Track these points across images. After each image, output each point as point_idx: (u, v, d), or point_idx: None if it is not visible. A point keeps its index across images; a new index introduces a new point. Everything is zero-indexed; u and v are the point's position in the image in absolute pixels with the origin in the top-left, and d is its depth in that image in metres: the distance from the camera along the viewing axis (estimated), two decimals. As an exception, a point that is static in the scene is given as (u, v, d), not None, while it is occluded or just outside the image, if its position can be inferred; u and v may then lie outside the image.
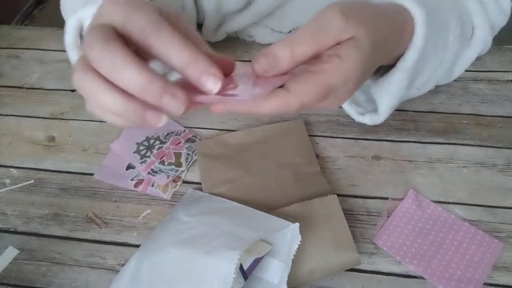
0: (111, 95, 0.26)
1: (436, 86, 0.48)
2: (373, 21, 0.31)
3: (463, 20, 0.44)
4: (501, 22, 0.49)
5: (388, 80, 0.40)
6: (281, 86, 0.30)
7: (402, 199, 0.49)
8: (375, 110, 0.46)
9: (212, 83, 0.27)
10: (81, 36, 0.40)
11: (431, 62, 0.42)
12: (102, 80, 0.26)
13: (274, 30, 0.64)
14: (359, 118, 0.48)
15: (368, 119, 0.46)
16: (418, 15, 0.36)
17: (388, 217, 0.48)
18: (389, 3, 0.37)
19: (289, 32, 0.64)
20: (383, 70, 0.42)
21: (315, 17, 0.30)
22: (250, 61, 0.64)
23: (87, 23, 0.37)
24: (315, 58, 0.31)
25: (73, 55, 0.40)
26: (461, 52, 0.46)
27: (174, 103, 0.26)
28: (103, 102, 0.27)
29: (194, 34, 0.32)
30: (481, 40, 0.46)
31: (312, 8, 0.57)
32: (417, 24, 0.36)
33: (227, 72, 0.31)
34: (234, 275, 0.36)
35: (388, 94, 0.42)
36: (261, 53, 0.30)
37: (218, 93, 0.28)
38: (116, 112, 0.27)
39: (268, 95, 0.29)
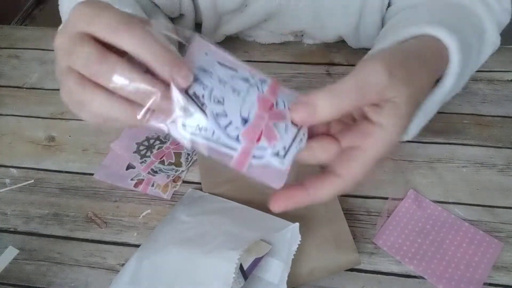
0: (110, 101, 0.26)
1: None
2: (413, 76, 0.30)
3: (478, 33, 0.44)
4: (505, 20, 0.49)
5: (423, 107, 0.39)
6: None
7: (402, 199, 0.49)
8: None
9: (181, 80, 0.25)
10: None
11: (459, 79, 0.41)
12: (101, 89, 0.26)
13: (274, 32, 0.64)
14: None
15: None
16: (451, 44, 0.36)
17: (388, 217, 0.48)
18: (420, 36, 0.36)
19: (289, 34, 0.64)
20: None
21: (358, 69, 0.28)
22: (250, 61, 0.65)
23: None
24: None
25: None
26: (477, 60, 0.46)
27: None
28: (104, 109, 0.26)
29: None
30: (492, 43, 0.46)
31: (310, 12, 0.57)
32: (453, 53, 0.36)
33: None
34: (234, 275, 0.36)
35: (423, 116, 0.41)
36: (301, 101, 0.28)
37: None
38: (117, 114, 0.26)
39: (319, 182, 0.30)
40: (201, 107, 0.25)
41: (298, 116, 0.28)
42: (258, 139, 0.27)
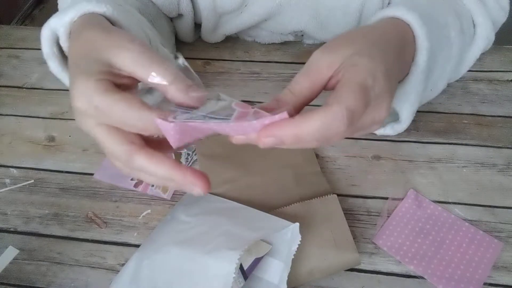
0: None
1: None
2: (357, 38, 0.33)
3: (460, 15, 0.44)
4: (501, 18, 0.49)
5: (405, 88, 0.40)
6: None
7: (402, 199, 0.49)
8: (394, 120, 0.46)
9: (194, 96, 0.29)
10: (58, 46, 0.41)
11: (439, 60, 0.42)
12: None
13: (274, 33, 0.64)
14: (379, 131, 0.48)
15: (389, 130, 0.46)
16: (411, 19, 0.37)
17: (388, 217, 0.48)
18: (380, 20, 0.38)
19: (289, 34, 0.64)
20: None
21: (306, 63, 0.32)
22: (250, 61, 0.65)
23: (61, 31, 0.38)
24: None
25: (51, 64, 0.41)
26: (465, 48, 0.47)
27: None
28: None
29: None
30: (484, 37, 0.47)
31: (310, 12, 0.57)
32: (415, 27, 0.37)
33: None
34: (234, 275, 0.36)
35: (408, 100, 0.42)
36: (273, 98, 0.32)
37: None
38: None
39: (309, 113, 0.28)
40: (190, 110, 0.29)
41: (267, 107, 0.31)
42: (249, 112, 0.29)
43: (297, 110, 0.32)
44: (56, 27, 0.38)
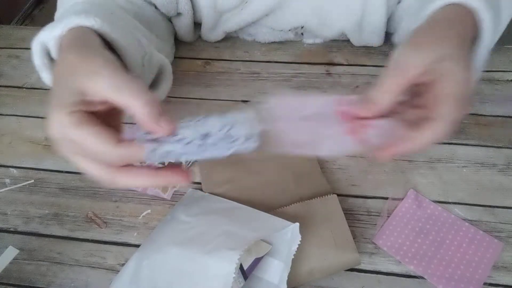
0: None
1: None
2: (442, 38, 0.34)
3: None
4: None
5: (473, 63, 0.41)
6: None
7: (402, 199, 0.49)
8: None
9: (164, 125, 0.30)
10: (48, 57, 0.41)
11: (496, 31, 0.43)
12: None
13: (274, 29, 0.64)
14: None
15: None
16: (479, 6, 0.37)
17: (388, 217, 0.48)
18: (444, 10, 0.38)
19: (289, 31, 0.64)
20: None
21: (392, 58, 0.34)
22: (250, 61, 0.65)
23: (51, 44, 0.38)
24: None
25: (43, 75, 0.41)
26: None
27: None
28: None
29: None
30: None
31: (311, 6, 0.57)
32: (483, 13, 0.38)
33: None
34: (234, 275, 0.36)
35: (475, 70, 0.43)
36: (361, 98, 0.34)
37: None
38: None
39: (417, 129, 0.32)
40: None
41: (365, 107, 0.33)
42: None
43: (387, 107, 0.33)
44: (45, 40, 0.39)
